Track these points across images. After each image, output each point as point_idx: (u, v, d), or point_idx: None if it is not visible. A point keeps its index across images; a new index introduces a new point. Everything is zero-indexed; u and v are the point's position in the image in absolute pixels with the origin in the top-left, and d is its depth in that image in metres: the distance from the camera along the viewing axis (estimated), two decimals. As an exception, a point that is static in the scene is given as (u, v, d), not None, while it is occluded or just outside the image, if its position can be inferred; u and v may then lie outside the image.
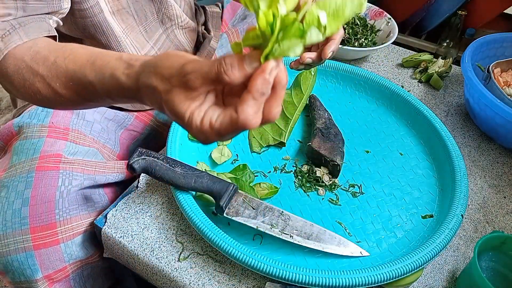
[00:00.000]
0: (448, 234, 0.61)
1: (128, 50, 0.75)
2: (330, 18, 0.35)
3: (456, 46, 1.17)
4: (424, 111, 0.81)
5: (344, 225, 0.66)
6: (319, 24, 0.34)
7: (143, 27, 0.77)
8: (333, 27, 0.35)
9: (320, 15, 0.34)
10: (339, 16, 0.35)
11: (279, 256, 0.61)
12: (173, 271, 0.61)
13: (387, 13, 1.09)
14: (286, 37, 0.34)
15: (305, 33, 0.34)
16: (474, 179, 0.79)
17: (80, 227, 0.66)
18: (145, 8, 0.76)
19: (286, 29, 0.33)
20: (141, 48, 0.78)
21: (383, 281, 0.56)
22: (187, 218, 0.61)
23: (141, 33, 0.77)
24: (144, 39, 0.78)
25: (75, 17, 0.68)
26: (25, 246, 0.60)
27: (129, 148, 0.84)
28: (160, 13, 0.78)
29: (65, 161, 0.65)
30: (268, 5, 0.33)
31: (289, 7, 0.33)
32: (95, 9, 0.67)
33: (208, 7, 1.00)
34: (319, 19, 0.34)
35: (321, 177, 0.72)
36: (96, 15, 0.68)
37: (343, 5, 0.35)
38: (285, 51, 0.34)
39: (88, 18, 0.68)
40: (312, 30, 0.34)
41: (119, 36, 0.73)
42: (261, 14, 0.33)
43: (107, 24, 0.70)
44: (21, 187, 0.62)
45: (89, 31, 0.70)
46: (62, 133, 0.70)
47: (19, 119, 0.72)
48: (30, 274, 0.62)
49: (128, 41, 0.75)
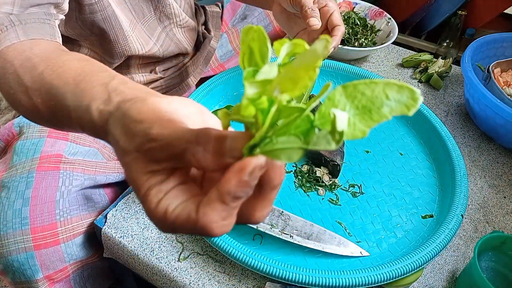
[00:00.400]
0: (448, 234, 0.61)
1: (134, 45, 0.75)
2: (358, 114, 0.24)
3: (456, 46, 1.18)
4: (424, 111, 0.81)
5: (344, 225, 0.66)
6: (333, 127, 0.23)
7: (142, 24, 0.77)
8: (357, 130, 0.24)
9: (337, 116, 0.23)
10: (372, 114, 0.24)
11: (279, 256, 0.61)
12: (173, 271, 0.61)
13: (387, 13, 1.09)
14: (285, 132, 0.24)
15: (313, 133, 0.24)
16: (474, 179, 0.79)
17: (80, 227, 0.66)
18: (142, 5, 0.75)
19: (289, 121, 0.24)
20: (145, 43, 0.78)
21: (383, 281, 0.56)
22: (187, 218, 0.61)
23: (143, 30, 0.77)
24: (146, 35, 0.78)
25: (83, 14, 0.67)
26: (25, 246, 0.60)
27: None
28: (158, 11, 0.78)
29: (66, 161, 0.65)
30: (261, 89, 0.23)
31: (293, 95, 0.23)
32: (104, 2, 0.66)
33: (208, 7, 1.00)
34: (335, 121, 0.23)
35: (321, 177, 0.72)
36: (106, 8, 0.67)
37: (381, 98, 0.23)
38: (278, 152, 0.24)
39: (98, 12, 0.67)
40: (322, 133, 0.24)
41: (126, 30, 0.72)
42: (244, 100, 0.23)
43: (115, 17, 0.69)
44: (21, 187, 0.62)
45: (98, 26, 0.69)
46: (63, 133, 0.70)
47: (20, 119, 0.72)
48: (31, 274, 0.62)
49: (134, 36, 0.75)
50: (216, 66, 1.00)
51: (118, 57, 0.75)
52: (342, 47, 0.97)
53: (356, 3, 1.12)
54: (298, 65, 0.22)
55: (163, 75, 0.87)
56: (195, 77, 0.94)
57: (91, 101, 0.36)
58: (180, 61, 0.91)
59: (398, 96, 0.23)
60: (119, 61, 0.77)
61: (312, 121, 0.24)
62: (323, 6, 0.65)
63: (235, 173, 0.24)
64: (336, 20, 0.64)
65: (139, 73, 0.83)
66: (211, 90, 0.82)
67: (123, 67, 0.80)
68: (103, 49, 0.76)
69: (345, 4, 1.12)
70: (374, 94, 0.23)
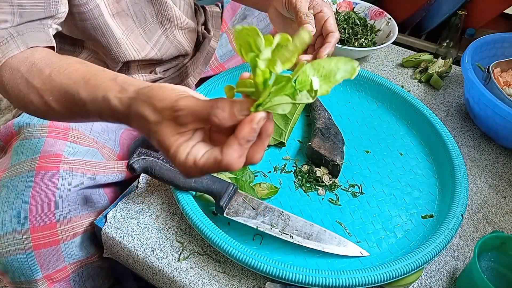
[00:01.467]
0: (448, 234, 0.61)
1: (128, 52, 0.75)
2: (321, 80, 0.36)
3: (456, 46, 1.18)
4: (424, 111, 0.81)
5: (344, 225, 0.66)
6: (311, 88, 0.36)
7: (142, 28, 0.77)
8: (323, 89, 0.36)
9: (313, 81, 0.36)
10: (330, 79, 0.36)
11: (279, 256, 0.61)
12: (173, 271, 0.61)
13: (387, 13, 1.08)
14: (278, 94, 0.36)
15: (296, 93, 0.36)
16: (474, 179, 0.79)
17: (80, 227, 0.66)
18: (144, 10, 0.76)
19: (279, 87, 0.36)
20: (141, 49, 0.78)
21: (383, 281, 0.56)
22: (187, 218, 0.61)
23: (140, 35, 0.77)
24: (143, 41, 0.78)
25: (74, 20, 0.68)
26: (25, 246, 0.60)
27: (129, 148, 0.84)
28: (160, 14, 0.78)
29: (65, 161, 0.65)
30: (267, 64, 0.35)
31: (285, 67, 0.35)
32: (95, 12, 0.67)
33: (208, 7, 1.00)
34: (312, 83, 0.36)
35: (321, 177, 0.72)
36: (96, 18, 0.68)
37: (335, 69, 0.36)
38: (275, 107, 0.36)
39: (88, 21, 0.68)
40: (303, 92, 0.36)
41: (119, 38, 0.73)
42: (259, 71, 0.35)
43: (107, 26, 0.70)
44: (21, 187, 0.62)
45: (89, 33, 0.70)
46: (62, 133, 0.70)
47: (19, 119, 0.72)
48: (30, 274, 0.62)
49: (128, 43, 0.75)
50: (216, 66, 1.00)
51: (116, 63, 0.76)
52: (342, 47, 0.97)
53: (356, 3, 1.12)
54: (291, 47, 0.34)
55: (163, 76, 0.87)
56: (195, 77, 0.94)
57: (107, 93, 0.45)
58: (179, 61, 0.91)
59: (345, 67, 0.36)
60: (118, 65, 0.77)
61: (294, 86, 0.36)
62: (318, 12, 0.65)
63: (248, 123, 0.36)
64: (330, 27, 0.65)
65: (139, 73, 0.83)
66: (211, 90, 0.82)
67: (123, 68, 0.80)
68: (102, 52, 0.76)
69: (345, 4, 1.12)
70: (331, 66, 0.36)
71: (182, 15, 0.83)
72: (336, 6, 1.12)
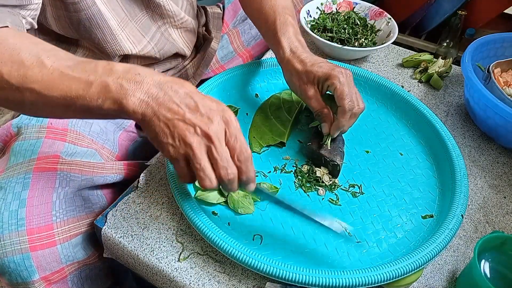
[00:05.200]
0: (448, 234, 0.61)
1: (124, 45, 0.75)
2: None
3: (456, 46, 1.18)
4: (424, 111, 0.81)
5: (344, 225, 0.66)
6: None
7: (135, 22, 0.76)
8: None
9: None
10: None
11: (279, 256, 0.61)
12: (173, 271, 0.61)
13: (387, 13, 1.08)
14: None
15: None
16: (474, 179, 0.79)
17: (77, 228, 0.65)
18: (132, 4, 0.75)
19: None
20: (137, 42, 0.77)
21: (383, 281, 0.56)
22: (187, 218, 0.61)
23: (135, 28, 0.77)
24: (139, 34, 0.78)
25: (69, 12, 0.67)
26: (21, 248, 0.60)
27: (128, 149, 0.84)
28: (149, 9, 0.78)
29: (63, 162, 0.65)
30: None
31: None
32: (88, 1, 0.67)
33: (209, 8, 1.00)
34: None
35: (321, 177, 0.72)
36: (90, 7, 0.68)
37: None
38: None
39: (83, 11, 0.68)
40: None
41: (114, 29, 0.72)
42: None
43: (101, 16, 0.70)
44: (18, 188, 0.61)
45: (84, 25, 0.69)
46: (61, 134, 0.69)
47: (18, 119, 0.72)
48: (27, 276, 0.61)
49: (124, 35, 0.75)
50: (217, 68, 1.00)
51: (112, 57, 0.75)
52: (342, 47, 0.97)
53: (356, 3, 1.12)
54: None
55: (163, 76, 0.86)
56: (195, 79, 0.94)
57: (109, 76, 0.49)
58: (179, 62, 0.90)
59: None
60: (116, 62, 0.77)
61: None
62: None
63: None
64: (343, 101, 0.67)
65: None
66: (211, 90, 0.82)
67: None
68: (98, 49, 0.76)
69: (345, 4, 1.12)
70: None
71: (181, 13, 0.82)
72: (336, 6, 1.12)
